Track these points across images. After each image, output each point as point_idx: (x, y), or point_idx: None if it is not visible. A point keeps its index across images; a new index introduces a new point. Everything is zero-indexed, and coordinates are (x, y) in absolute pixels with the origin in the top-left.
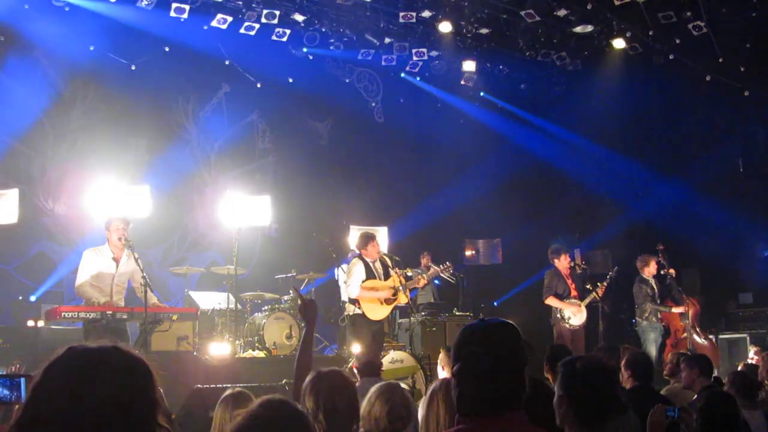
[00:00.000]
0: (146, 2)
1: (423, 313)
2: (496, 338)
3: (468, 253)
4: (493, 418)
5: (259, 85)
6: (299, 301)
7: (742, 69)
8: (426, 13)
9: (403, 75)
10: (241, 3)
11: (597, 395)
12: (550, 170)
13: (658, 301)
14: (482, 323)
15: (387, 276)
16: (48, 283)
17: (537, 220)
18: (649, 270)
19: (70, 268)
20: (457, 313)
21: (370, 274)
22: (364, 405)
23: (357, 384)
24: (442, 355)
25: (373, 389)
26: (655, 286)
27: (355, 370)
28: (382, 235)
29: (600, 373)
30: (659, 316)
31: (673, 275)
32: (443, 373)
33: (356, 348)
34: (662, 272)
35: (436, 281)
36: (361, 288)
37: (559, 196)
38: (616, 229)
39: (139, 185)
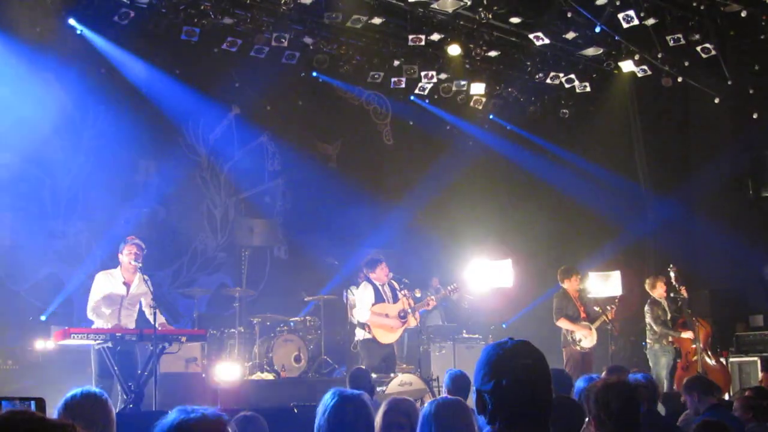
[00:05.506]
0: (157, 26)
1: (431, 336)
2: (538, 353)
3: (476, 275)
4: (542, 426)
5: (268, 108)
6: None
7: (750, 91)
8: (435, 36)
9: (412, 98)
10: (251, 26)
11: (620, 416)
12: (561, 190)
13: (670, 324)
14: (517, 340)
15: (396, 299)
16: (57, 303)
17: (547, 240)
18: (659, 292)
19: (79, 288)
20: (465, 335)
21: (379, 298)
22: None
23: None
24: None
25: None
26: (667, 309)
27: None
28: (391, 257)
29: (621, 394)
30: (670, 339)
31: (685, 296)
32: None
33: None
34: (672, 294)
35: (445, 303)
36: (370, 312)
37: (569, 215)
38: (626, 249)
39: None
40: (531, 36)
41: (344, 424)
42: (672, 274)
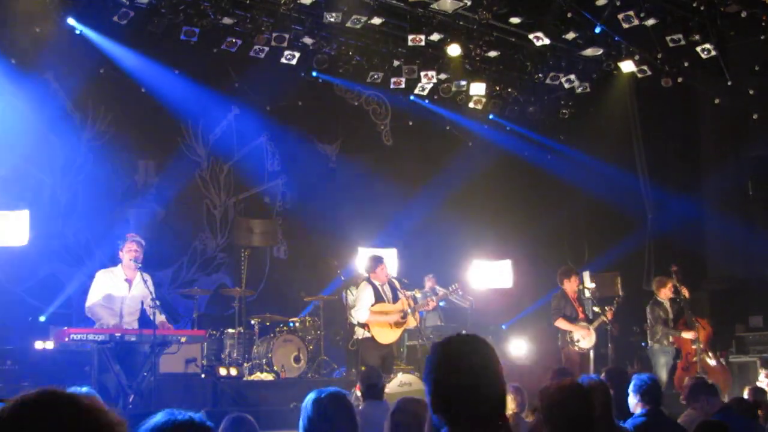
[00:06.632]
0: (156, 26)
1: (431, 336)
2: (483, 349)
3: (476, 275)
4: (492, 423)
5: (268, 108)
6: None
7: (750, 92)
8: (435, 36)
9: (411, 98)
10: (250, 26)
11: (575, 418)
12: (561, 191)
13: (671, 325)
14: (466, 336)
15: (396, 299)
16: (57, 303)
17: (547, 241)
18: (665, 292)
19: (78, 289)
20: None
21: (378, 298)
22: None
23: (360, 407)
24: None
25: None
26: (669, 309)
27: (359, 393)
28: (391, 257)
29: (576, 396)
30: (671, 339)
31: (686, 296)
32: None
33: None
34: (674, 294)
35: (442, 304)
36: (370, 312)
37: (568, 217)
38: (626, 250)
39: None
40: (531, 36)
41: (325, 420)
42: (673, 275)
